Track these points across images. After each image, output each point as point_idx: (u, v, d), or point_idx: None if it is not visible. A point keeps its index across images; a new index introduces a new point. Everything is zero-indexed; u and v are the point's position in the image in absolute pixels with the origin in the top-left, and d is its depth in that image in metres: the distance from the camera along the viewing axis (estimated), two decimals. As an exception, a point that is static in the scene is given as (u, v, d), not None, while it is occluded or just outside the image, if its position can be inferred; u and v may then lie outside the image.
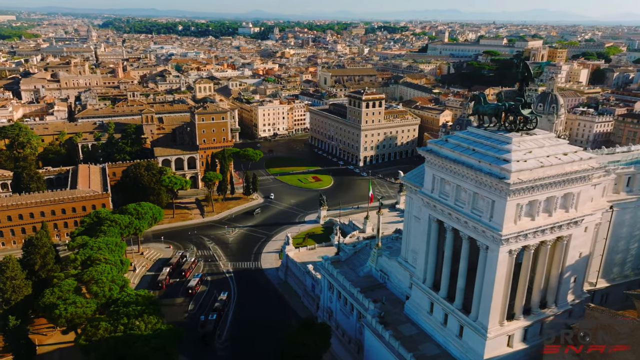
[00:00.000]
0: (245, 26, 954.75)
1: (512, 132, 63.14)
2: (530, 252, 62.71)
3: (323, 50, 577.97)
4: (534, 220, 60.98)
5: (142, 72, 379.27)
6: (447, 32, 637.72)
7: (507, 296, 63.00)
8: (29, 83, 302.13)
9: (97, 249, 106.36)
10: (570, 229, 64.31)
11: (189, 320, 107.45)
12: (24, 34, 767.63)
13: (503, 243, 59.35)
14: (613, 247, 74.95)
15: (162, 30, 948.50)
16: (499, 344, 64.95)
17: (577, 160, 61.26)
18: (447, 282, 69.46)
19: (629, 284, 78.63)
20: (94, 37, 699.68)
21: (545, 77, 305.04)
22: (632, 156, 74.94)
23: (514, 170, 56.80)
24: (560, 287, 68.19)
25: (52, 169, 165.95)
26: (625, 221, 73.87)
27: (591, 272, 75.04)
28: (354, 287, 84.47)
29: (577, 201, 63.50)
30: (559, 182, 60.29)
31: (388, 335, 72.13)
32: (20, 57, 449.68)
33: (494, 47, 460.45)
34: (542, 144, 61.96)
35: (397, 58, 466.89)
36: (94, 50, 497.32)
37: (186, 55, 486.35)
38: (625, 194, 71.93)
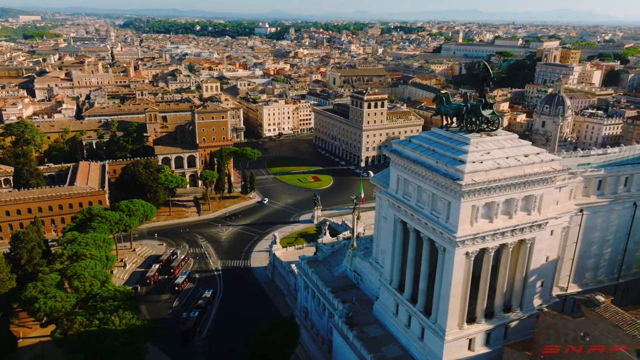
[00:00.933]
0: (262, 26, 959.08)
1: (473, 132, 62.29)
2: (490, 254, 61.81)
3: (337, 50, 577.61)
4: (492, 223, 60.04)
5: (154, 72, 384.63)
6: (462, 33, 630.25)
7: (465, 299, 62.15)
8: (43, 82, 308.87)
9: (85, 245, 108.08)
10: (533, 232, 63.14)
11: (172, 316, 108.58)
12: (46, 34, 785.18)
13: (458, 245, 58.61)
14: (585, 251, 73.33)
15: (180, 30, 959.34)
16: (459, 347, 64.11)
17: (538, 162, 60.12)
18: (411, 284, 68.85)
19: (603, 289, 76.58)
20: (113, 36, 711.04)
21: (550, 77, 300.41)
22: (606, 159, 73.15)
23: (468, 172, 56.03)
24: (525, 291, 66.97)
25: (54, 166, 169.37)
26: (597, 225, 72.22)
27: (562, 276, 73.58)
28: (325, 286, 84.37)
29: (539, 204, 62.31)
30: (518, 184, 59.25)
31: (352, 335, 71.87)
32: (39, 56, 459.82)
33: (508, 47, 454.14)
34: (502, 145, 60.99)
35: (409, 58, 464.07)
36: (110, 49, 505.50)
37: (200, 55, 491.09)
38: (596, 198, 70.35)
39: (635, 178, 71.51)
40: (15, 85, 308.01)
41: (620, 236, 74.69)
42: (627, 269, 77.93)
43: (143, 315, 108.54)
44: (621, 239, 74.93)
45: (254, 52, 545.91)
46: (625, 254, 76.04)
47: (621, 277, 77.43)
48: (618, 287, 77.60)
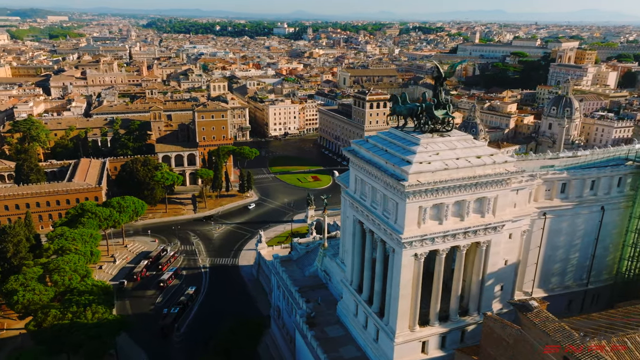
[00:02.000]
0: (280, 26, 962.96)
1: (426, 133, 61.56)
2: (441, 256, 61.03)
3: (353, 50, 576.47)
4: (441, 224, 59.28)
5: (169, 71, 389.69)
6: (478, 33, 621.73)
7: (416, 301, 61.49)
8: (59, 80, 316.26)
9: (72, 240, 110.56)
10: (488, 234, 62.10)
11: (154, 312, 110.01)
12: (70, 34, 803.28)
13: (405, 246, 58.04)
14: (550, 256, 71.66)
15: (201, 30, 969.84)
16: (411, 349, 63.45)
17: (490, 163, 59.08)
18: (369, 285, 68.43)
19: (571, 295, 75.17)
20: (133, 36, 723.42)
21: (563, 78, 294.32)
22: (573, 162, 71.44)
23: (412, 172, 55.42)
24: (483, 294, 65.94)
25: (56, 162, 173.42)
26: (562, 229, 70.52)
27: (525, 281, 72.10)
28: (293, 285, 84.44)
29: (494, 206, 61.26)
30: (468, 185, 58.35)
31: (310, 335, 71.79)
32: (60, 55, 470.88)
33: (525, 48, 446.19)
34: (454, 146, 60.14)
35: (424, 59, 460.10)
36: (128, 49, 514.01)
37: (215, 54, 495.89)
38: (560, 201, 68.69)
39: (601, 182, 69.64)
40: (32, 84, 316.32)
41: (589, 241, 72.82)
42: (597, 275, 75.93)
43: (126, 310, 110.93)
44: (589, 244, 73.06)
45: (270, 52, 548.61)
46: (594, 259, 74.09)
47: (590, 283, 75.47)
48: (587, 293, 75.72)
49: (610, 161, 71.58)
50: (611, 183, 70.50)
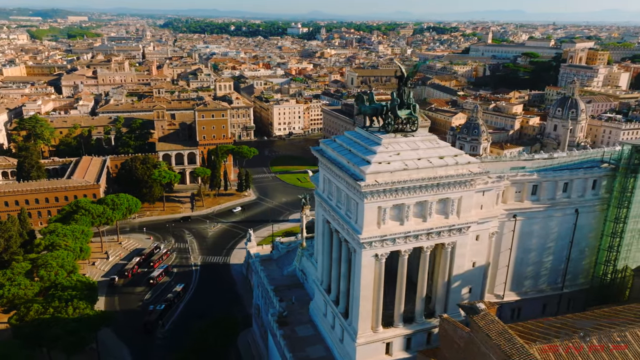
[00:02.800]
0: (294, 27, 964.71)
1: (390, 133, 61.17)
2: (404, 257, 60.61)
3: (365, 50, 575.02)
4: (403, 225, 58.86)
5: (179, 70, 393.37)
6: (491, 33, 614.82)
7: (378, 301, 61.11)
8: (70, 79, 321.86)
9: (63, 236, 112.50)
10: (453, 236, 61.47)
11: (141, 308, 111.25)
12: (88, 34, 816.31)
13: (365, 246, 57.75)
14: (522, 258, 70.55)
15: (216, 30, 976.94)
16: (374, 351, 63.10)
17: (452, 164, 58.44)
18: (336, 285, 68.23)
19: (546, 299, 73.87)
20: (149, 36, 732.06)
21: (568, 79, 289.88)
22: (548, 163, 70.19)
23: (370, 172, 55.13)
24: (449, 296, 65.30)
25: (58, 160, 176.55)
26: (534, 232, 69.36)
27: (497, 284, 71.14)
28: (269, 284, 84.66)
29: (458, 207, 60.59)
30: (430, 185, 57.84)
31: (279, 334, 71.91)
32: (74, 55, 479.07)
33: (538, 49, 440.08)
34: (417, 146, 59.66)
35: (435, 59, 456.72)
36: (142, 48, 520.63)
37: (227, 54, 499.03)
38: (531, 203, 67.59)
39: (575, 184, 68.36)
40: (44, 83, 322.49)
41: (563, 244, 71.51)
42: (573, 279, 74.53)
43: (114, 306, 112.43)
44: (564, 247, 71.75)
45: (281, 52, 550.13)
46: (568, 262, 72.78)
47: (566, 287, 74.09)
48: (563, 297, 74.34)
49: (585, 163, 70.22)
50: (585, 185, 69.16)
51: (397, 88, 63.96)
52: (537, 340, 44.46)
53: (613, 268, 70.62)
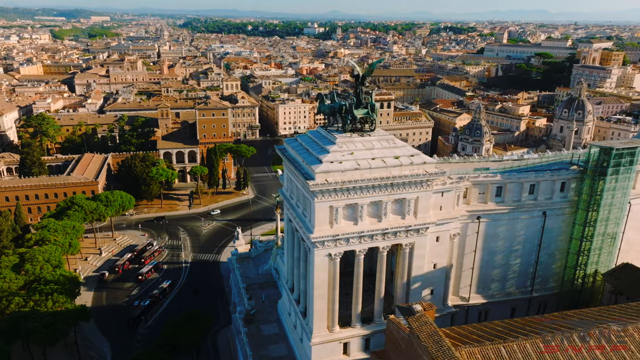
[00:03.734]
0: (311, 26, 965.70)
1: (347, 132, 60.94)
2: (359, 257, 60.37)
3: (379, 50, 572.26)
4: (357, 225, 58.66)
5: (191, 70, 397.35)
6: (506, 33, 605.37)
7: (333, 301, 60.99)
8: (83, 78, 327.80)
9: (54, 231, 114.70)
10: (410, 237, 61.03)
11: (127, 304, 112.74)
12: (108, 34, 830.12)
13: (317, 246, 57.76)
14: (488, 261, 69.56)
15: (233, 30, 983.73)
16: (331, 351, 62.98)
17: (407, 164, 57.99)
18: (298, 284, 68.30)
19: (515, 302, 72.71)
20: (166, 36, 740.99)
21: (586, 80, 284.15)
22: (512, 165, 69.02)
23: (320, 171, 55.08)
24: (409, 298, 64.78)
25: (61, 156, 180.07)
26: (500, 234, 68.31)
27: (462, 286, 70.28)
28: (242, 282, 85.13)
29: (415, 208, 60.13)
30: (383, 185, 57.51)
31: (243, 332, 72.29)
32: (91, 54, 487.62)
33: (554, 49, 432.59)
34: (372, 146, 59.36)
35: (449, 59, 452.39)
36: (157, 48, 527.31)
37: (240, 54, 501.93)
38: (495, 205, 66.60)
39: (541, 186, 67.12)
40: (58, 81, 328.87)
41: (531, 247, 70.33)
42: (543, 283, 73.20)
43: (101, 301, 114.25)
44: (532, 250, 70.56)
45: (295, 52, 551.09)
46: (537, 266, 71.51)
47: (535, 291, 72.82)
48: (532, 301, 73.08)
49: (554, 165, 68.89)
50: (553, 188, 67.88)
51: (354, 88, 63.62)
52: (470, 343, 43.81)
53: (583, 272, 69.18)
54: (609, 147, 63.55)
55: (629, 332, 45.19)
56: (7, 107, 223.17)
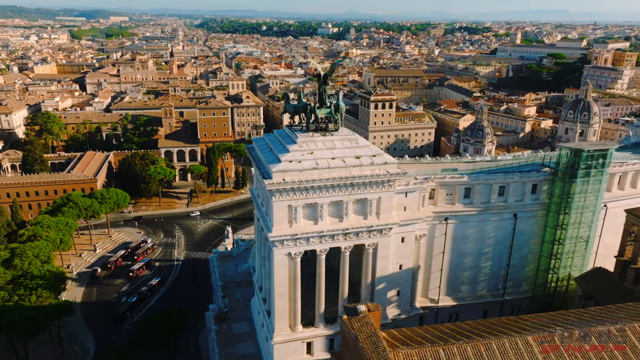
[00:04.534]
0: (325, 27, 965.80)
1: (310, 132, 60.86)
2: (321, 257, 60.27)
3: (391, 51, 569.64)
4: (317, 225, 58.60)
5: (202, 70, 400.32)
6: (520, 33, 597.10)
7: (294, 300, 61.05)
8: (94, 77, 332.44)
9: (47, 227, 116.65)
10: (373, 237, 60.77)
11: (116, 300, 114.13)
12: (124, 34, 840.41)
13: (276, 245, 57.89)
14: (457, 263, 68.79)
15: (248, 30, 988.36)
16: (293, 350, 63.04)
17: (367, 164, 57.75)
18: (265, 283, 68.42)
19: (486, 305, 71.81)
20: (181, 35, 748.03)
21: (597, 81, 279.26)
22: (488, 165, 68.11)
23: (277, 171, 55.21)
24: (374, 298, 64.48)
25: (64, 154, 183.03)
26: (469, 235, 67.50)
27: (431, 287, 69.63)
28: (219, 280, 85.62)
29: (377, 208, 59.84)
30: (343, 185, 57.33)
31: (213, 330, 72.66)
32: (106, 53, 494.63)
33: (569, 49, 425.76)
34: (333, 145, 59.20)
35: (460, 60, 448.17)
36: (170, 48, 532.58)
37: (252, 54, 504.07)
38: (463, 206, 65.83)
39: (511, 188, 66.15)
40: (70, 80, 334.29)
41: (502, 249, 69.39)
42: (516, 286, 72.16)
43: (91, 296, 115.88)
44: (503, 253, 69.61)
45: (307, 52, 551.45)
46: (509, 269, 70.50)
47: (507, 294, 71.82)
48: (505, 304, 72.09)
49: (525, 167, 67.85)
50: (524, 190, 66.89)
51: (318, 88, 63.55)
52: (411, 345, 43.39)
53: (555, 276, 68.05)
54: (579, 148, 62.40)
55: (575, 337, 44.40)
56: (16, 105, 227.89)
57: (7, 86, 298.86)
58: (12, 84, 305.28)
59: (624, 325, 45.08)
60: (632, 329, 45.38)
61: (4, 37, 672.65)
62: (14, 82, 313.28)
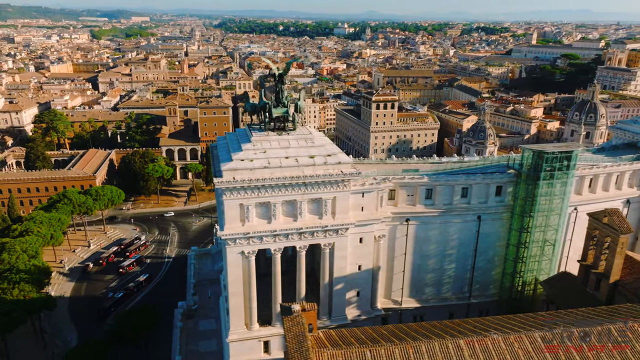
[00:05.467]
0: (341, 27, 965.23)
1: (266, 131, 60.84)
2: (276, 256, 60.27)
3: (405, 51, 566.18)
4: (270, 224, 58.58)
5: (214, 69, 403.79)
6: (536, 34, 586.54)
7: (249, 299, 61.12)
8: (107, 76, 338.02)
9: (39, 222, 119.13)
10: (329, 237, 60.51)
11: (103, 295, 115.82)
12: (143, 33, 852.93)
13: (229, 243, 58.05)
14: (420, 264, 67.99)
15: (264, 31, 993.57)
16: (250, 349, 63.16)
17: (321, 164, 57.52)
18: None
19: (452, 308, 70.76)
20: (197, 36, 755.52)
21: (610, 82, 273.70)
22: (451, 166, 67.16)
23: (227, 169, 55.43)
24: (333, 298, 64.23)
25: (67, 151, 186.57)
26: (432, 237, 66.64)
27: (394, 289, 68.98)
28: (193, 278, 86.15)
29: (332, 208, 59.59)
30: (296, 185, 57.20)
31: (178, 326, 73.22)
32: (122, 53, 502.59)
33: (585, 50, 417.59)
34: (288, 144, 59.09)
35: (474, 60, 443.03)
36: (185, 48, 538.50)
37: (265, 54, 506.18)
38: (424, 207, 65.03)
39: (474, 189, 65.12)
40: (83, 79, 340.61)
41: (467, 252, 68.36)
42: (483, 289, 71.03)
43: (80, 291, 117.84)
44: (468, 255, 68.58)
45: (321, 52, 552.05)
46: (475, 271, 69.44)
47: (474, 297, 70.73)
48: (471, 307, 70.95)
49: (490, 168, 66.76)
50: (488, 191, 65.79)
51: (275, 87, 63.49)
52: (340, 346, 43.11)
53: (521, 279, 66.81)
54: (542, 150, 61.12)
55: (509, 341, 43.64)
56: (27, 103, 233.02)
57: (23, 85, 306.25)
58: (27, 83, 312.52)
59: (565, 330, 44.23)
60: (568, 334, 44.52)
61: (26, 37, 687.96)
62: (29, 81, 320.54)
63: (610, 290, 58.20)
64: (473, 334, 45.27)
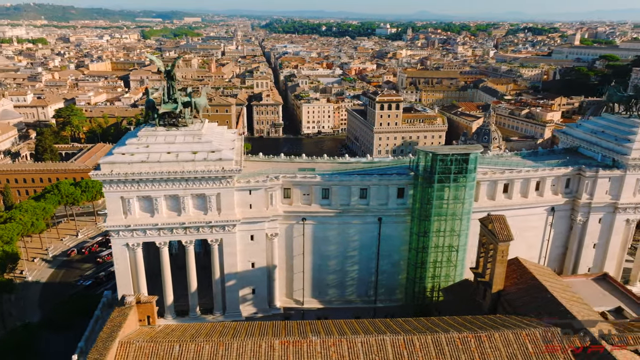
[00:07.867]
0: (383, 27, 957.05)
1: (157, 126, 61.89)
2: (162, 249, 61.28)
3: (443, 52, 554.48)
4: (153, 217, 59.65)
5: (243, 69, 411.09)
6: (578, 34, 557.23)
7: (138, 291, 62.26)
8: (138, 74, 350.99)
9: (24, 211, 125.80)
10: (216, 233, 60.94)
11: (74, 282, 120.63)
12: (189, 33, 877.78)
13: (113, 235, 59.60)
14: (320, 265, 66.95)
15: (307, 31, 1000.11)
16: (143, 339, 64.26)
17: (201, 160, 58.04)
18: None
19: (357, 311, 69.07)
20: (239, 36, 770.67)
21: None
22: (353, 166, 65.62)
23: (105, 162, 57.05)
24: (226, 294, 64.53)
25: (77, 145, 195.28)
26: (331, 238, 65.48)
27: (295, 288, 68.28)
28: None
29: (217, 204, 59.96)
30: (177, 179, 58.01)
31: (95, 316, 75.29)
32: (162, 52, 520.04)
33: (632, 50, 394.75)
34: (173, 140, 60.02)
35: (512, 62, 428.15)
36: (222, 47, 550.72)
37: (298, 54, 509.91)
38: (320, 207, 64.00)
39: (373, 190, 63.48)
40: (116, 77, 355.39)
41: (369, 254, 66.79)
42: (388, 293, 69.11)
43: (56, 278, 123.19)
44: (371, 258, 66.96)
45: (355, 52, 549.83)
46: (379, 275, 67.66)
47: (380, 301, 68.93)
48: (378, 310, 69.15)
49: (392, 169, 64.83)
50: (388, 193, 63.98)
51: (166, 84, 64.43)
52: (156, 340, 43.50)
53: (422, 285, 64.65)
54: (434, 152, 58.87)
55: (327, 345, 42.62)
56: (53, 99, 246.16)
57: (60, 81, 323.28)
58: (65, 80, 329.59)
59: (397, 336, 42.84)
60: (392, 340, 43.14)
61: (79, 37, 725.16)
62: (67, 78, 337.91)
63: (494, 300, 55.60)
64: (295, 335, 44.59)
